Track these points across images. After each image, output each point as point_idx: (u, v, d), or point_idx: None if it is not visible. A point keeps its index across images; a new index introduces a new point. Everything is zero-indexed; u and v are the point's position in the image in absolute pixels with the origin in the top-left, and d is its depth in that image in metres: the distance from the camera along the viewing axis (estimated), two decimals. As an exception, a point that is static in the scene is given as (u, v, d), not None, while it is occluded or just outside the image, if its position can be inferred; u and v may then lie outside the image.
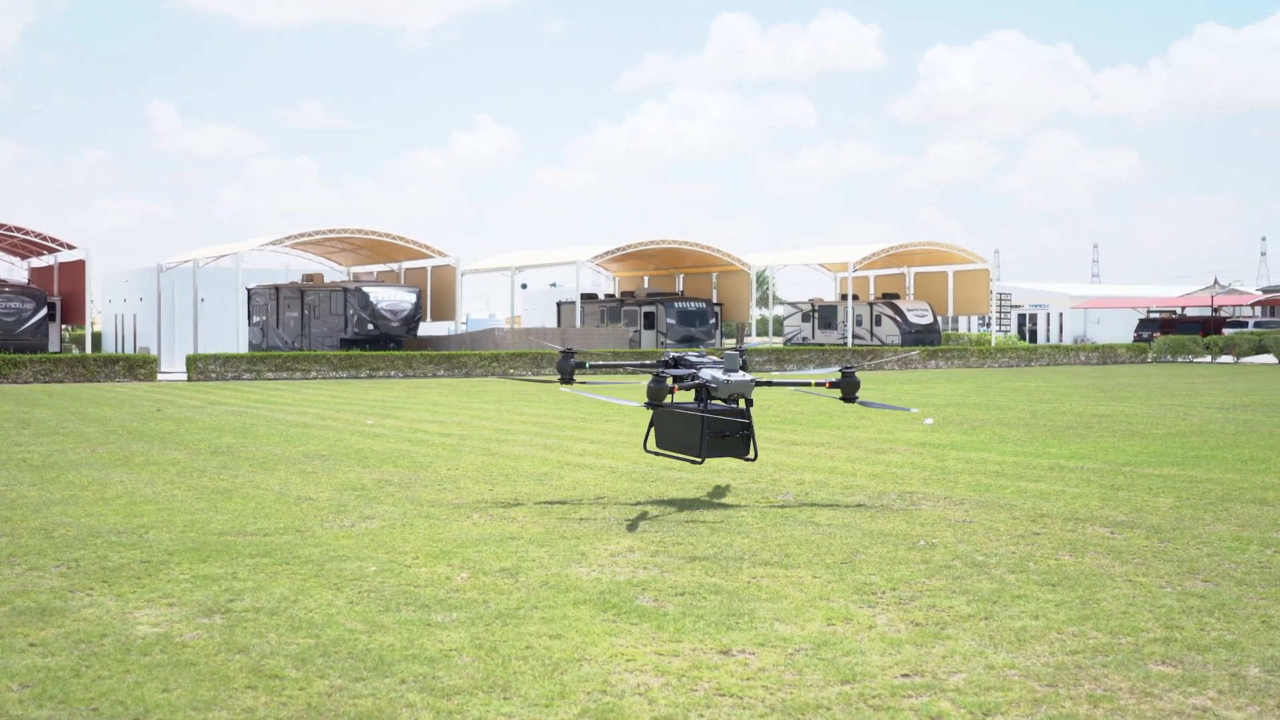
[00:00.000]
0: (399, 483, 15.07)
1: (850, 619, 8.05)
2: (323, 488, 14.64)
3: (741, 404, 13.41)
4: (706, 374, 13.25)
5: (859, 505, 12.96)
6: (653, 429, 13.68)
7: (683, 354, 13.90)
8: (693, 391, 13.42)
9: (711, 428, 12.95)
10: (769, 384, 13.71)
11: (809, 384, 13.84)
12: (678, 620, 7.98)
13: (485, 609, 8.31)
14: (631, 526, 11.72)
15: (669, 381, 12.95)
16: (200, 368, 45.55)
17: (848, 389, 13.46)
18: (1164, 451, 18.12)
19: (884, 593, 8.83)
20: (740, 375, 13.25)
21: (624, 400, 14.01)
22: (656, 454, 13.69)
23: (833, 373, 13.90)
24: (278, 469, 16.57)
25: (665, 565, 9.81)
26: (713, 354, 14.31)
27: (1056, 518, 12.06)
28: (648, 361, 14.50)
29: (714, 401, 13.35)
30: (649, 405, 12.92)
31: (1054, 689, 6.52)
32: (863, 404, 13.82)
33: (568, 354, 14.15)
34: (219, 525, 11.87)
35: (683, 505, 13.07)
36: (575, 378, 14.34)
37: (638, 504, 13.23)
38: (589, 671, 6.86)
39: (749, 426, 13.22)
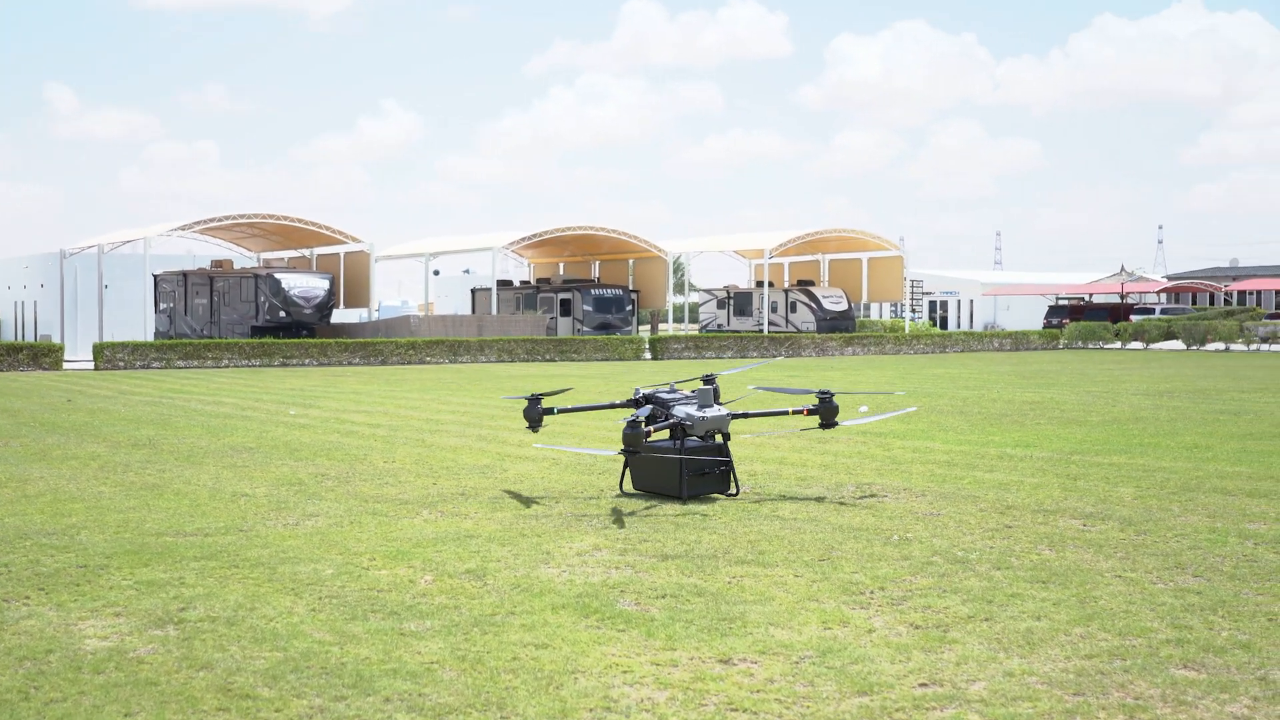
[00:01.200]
0: (336, 476, 14.47)
1: (846, 622, 7.66)
2: (257, 482, 14.00)
3: (719, 438, 12.95)
4: (680, 411, 12.77)
5: (819, 498, 12.60)
6: (628, 470, 13.18)
7: (654, 390, 13.39)
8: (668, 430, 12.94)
9: (690, 467, 12.48)
10: (745, 416, 13.27)
11: (786, 412, 13.41)
12: (667, 626, 7.54)
13: (459, 615, 7.82)
14: (591, 522, 11.27)
15: (644, 425, 12.46)
16: (108, 356, 44.27)
17: (826, 415, 13.06)
18: (1106, 439, 18.00)
19: (873, 592, 8.46)
20: (716, 410, 12.78)
21: (600, 450, 13.43)
22: (635, 495, 13.02)
23: (808, 396, 13.46)
24: (206, 462, 15.88)
25: (638, 565, 9.37)
26: (685, 388, 13.79)
27: (1024, 509, 11.80)
28: (617, 401, 13.90)
29: (690, 438, 12.88)
30: (625, 452, 12.45)
31: (1083, 698, 6.17)
32: (848, 424, 13.44)
33: (534, 400, 13.62)
34: (155, 525, 11.23)
35: (638, 498, 12.64)
36: (544, 422, 13.71)
37: (590, 498, 12.78)
38: (586, 685, 6.40)
39: (728, 462, 12.78)
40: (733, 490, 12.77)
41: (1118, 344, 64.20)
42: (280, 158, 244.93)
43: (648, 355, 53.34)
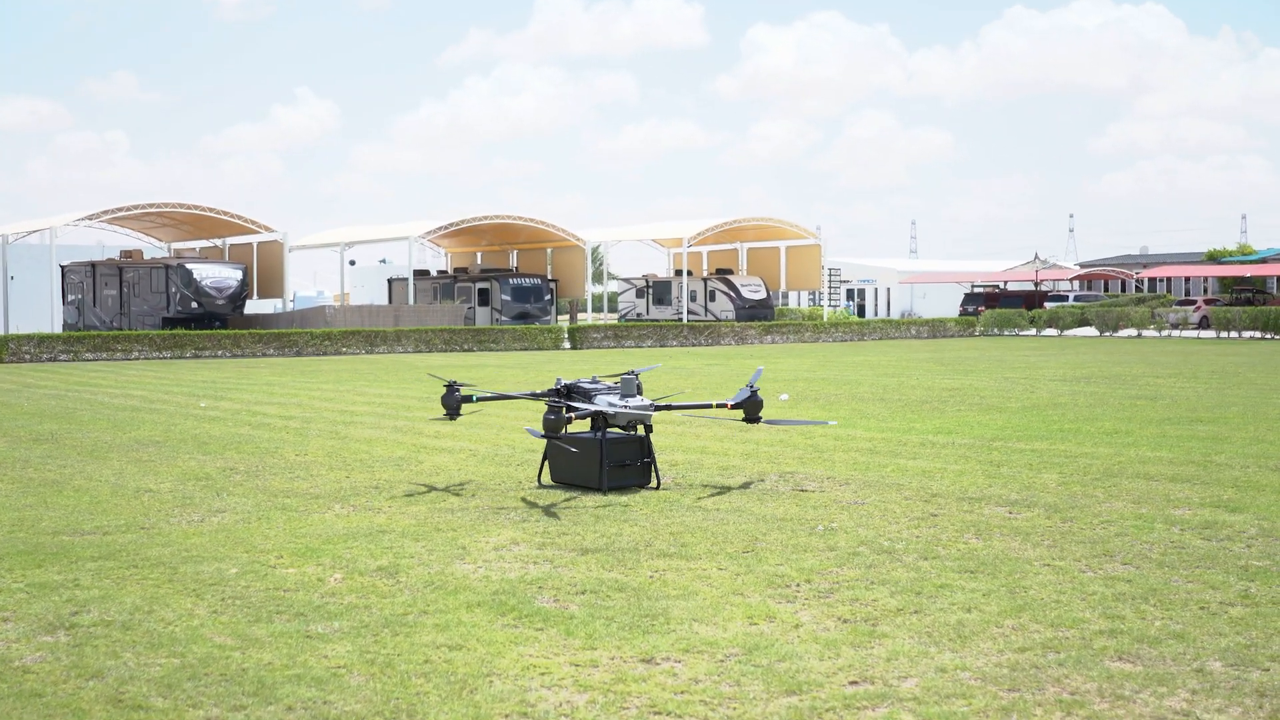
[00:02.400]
0: (246, 470, 14.01)
1: (773, 617, 7.40)
2: (163, 477, 13.51)
3: (640, 430, 12.65)
4: (602, 401, 12.46)
5: (742, 487, 12.36)
6: (547, 461, 12.84)
7: (575, 381, 13.08)
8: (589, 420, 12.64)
9: (611, 457, 12.17)
10: (668, 408, 12.99)
11: (710, 406, 13.17)
12: (587, 624, 7.23)
13: (369, 616, 7.46)
14: (509, 515, 10.94)
15: (565, 412, 12.16)
16: (13, 349, 43.11)
17: (750, 409, 12.82)
18: (1026, 425, 17.95)
19: (799, 585, 8.21)
20: (638, 400, 12.49)
21: (534, 431, 13.07)
22: (553, 487, 12.71)
23: (732, 396, 13.25)
24: (110, 457, 15.33)
25: (556, 559, 9.05)
26: (607, 379, 13.48)
27: (949, 497, 11.63)
28: (539, 391, 13.53)
29: (611, 430, 12.57)
30: (545, 437, 12.13)
31: (1018, 694, 5.95)
32: (769, 423, 13.22)
33: (452, 387, 13.29)
34: (51, 523, 10.74)
35: (557, 490, 12.32)
36: (462, 411, 13.41)
37: (508, 490, 12.45)
38: (501, 689, 6.08)
39: (650, 453, 12.48)
40: (654, 484, 12.49)
41: (1033, 331, 64.78)
42: (193, 147, 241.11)
43: (567, 345, 52.97)
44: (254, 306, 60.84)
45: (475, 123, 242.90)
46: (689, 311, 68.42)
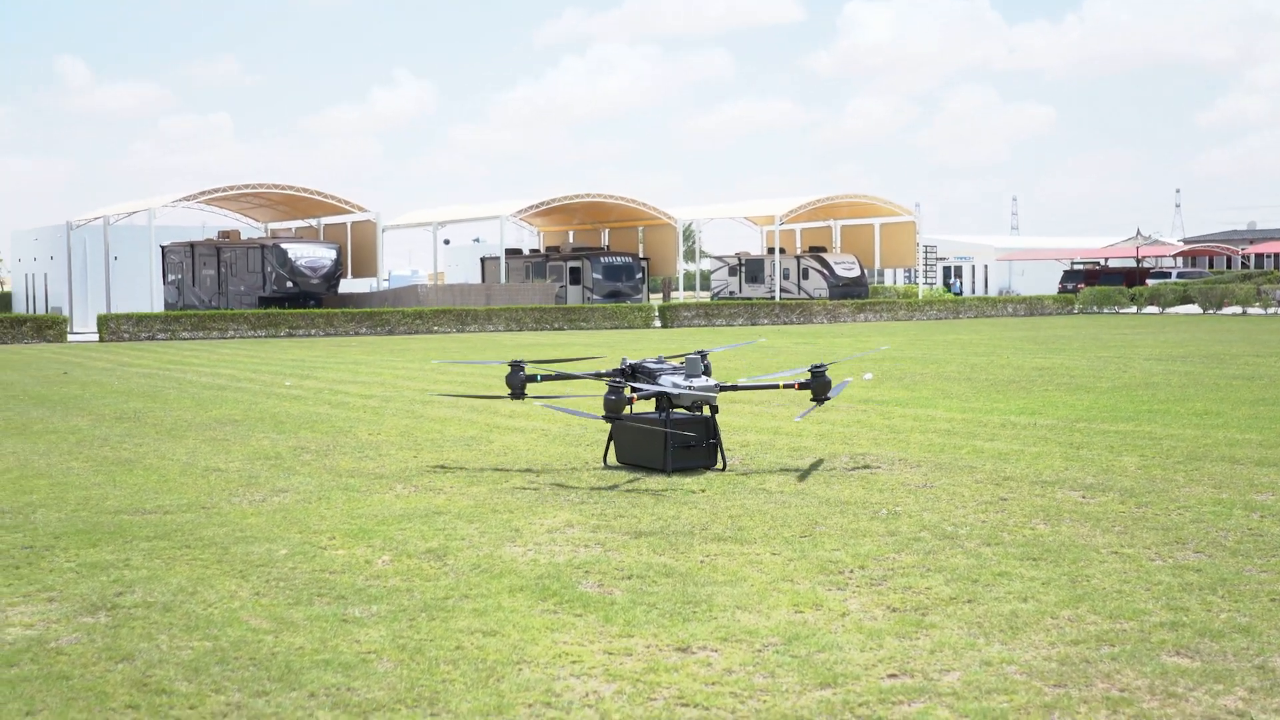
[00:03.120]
0: (316, 450, 14.04)
1: (820, 604, 7.19)
2: (233, 457, 13.58)
3: (706, 411, 12.46)
4: (667, 381, 12.30)
5: (810, 469, 12.12)
6: (612, 442, 12.72)
7: (641, 361, 12.94)
8: (653, 400, 12.49)
9: (675, 439, 12.00)
10: (734, 388, 12.78)
11: (777, 385, 12.97)
12: (627, 610, 7.07)
13: (410, 600, 7.37)
14: (568, 497, 10.81)
15: (627, 392, 12.03)
16: (113, 328, 43.93)
17: (819, 389, 12.60)
18: (1114, 406, 17.47)
19: (852, 571, 7.98)
20: (703, 381, 12.29)
21: (582, 413, 12.96)
22: (618, 468, 12.56)
23: (801, 374, 13.05)
24: (186, 436, 15.46)
25: (608, 543, 8.91)
26: (673, 360, 13.31)
27: (1022, 481, 11.30)
28: (603, 370, 13.40)
29: (676, 410, 12.39)
30: (607, 418, 12.01)
31: (1064, 690, 5.69)
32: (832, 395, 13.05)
33: (517, 366, 13.22)
34: (115, 502, 10.80)
35: (621, 472, 12.18)
36: (526, 392, 13.32)
37: (574, 471, 12.33)
38: (529, 678, 5.94)
39: (716, 434, 12.29)
40: (720, 465, 12.29)
41: (1133, 309, 63.43)
42: (293, 129, 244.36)
43: (657, 323, 52.84)
44: (349, 286, 61.39)
45: (570, 102, 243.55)
46: (782, 290, 67.90)
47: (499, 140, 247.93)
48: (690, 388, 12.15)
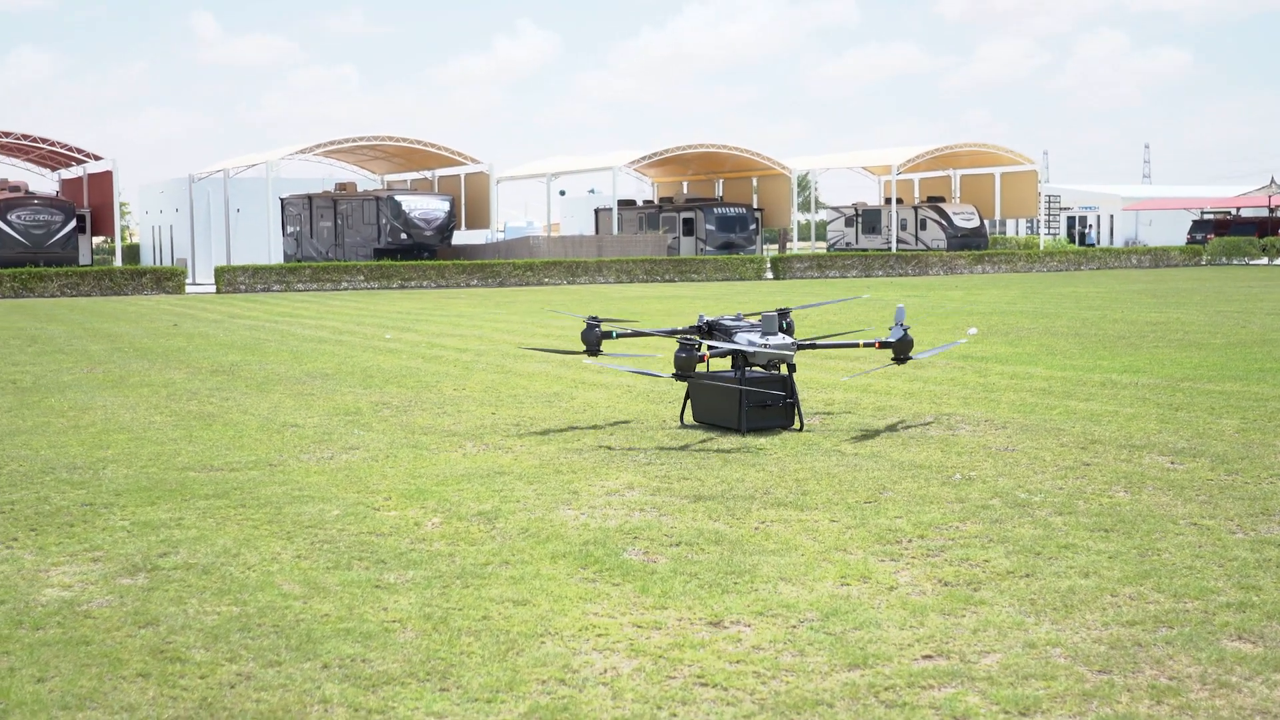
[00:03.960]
0: (398, 405, 14.00)
1: (868, 576, 6.90)
2: (314, 412, 13.59)
3: (784, 370, 12.17)
4: (742, 339, 12.02)
5: (889, 430, 11.78)
6: (689, 400, 12.50)
7: (718, 318, 12.69)
8: (729, 359, 12.25)
9: (751, 398, 11.73)
10: (812, 346, 12.48)
11: (856, 345, 12.64)
12: (666, 580, 6.85)
13: (449, 565, 7.22)
14: (635, 457, 10.61)
15: (701, 350, 11.78)
16: (229, 279, 44.64)
17: (900, 349, 12.25)
18: (1224, 364, 16.78)
19: (910, 541, 7.67)
20: (779, 339, 11.97)
21: (655, 372, 12.74)
22: (694, 427, 12.31)
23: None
24: (274, 390, 15.54)
25: (665, 506, 8.69)
26: (750, 317, 13.01)
27: (1109, 444, 10.85)
28: (679, 327, 13.18)
29: (754, 369, 12.12)
30: (679, 377, 11.79)
31: (1107, 676, 5.35)
32: (919, 356, 12.73)
33: (593, 323, 13.04)
34: (187, 458, 10.84)
35: (696, 431, 11.94)
36: (602, 349, 13.16)
37: (649, 429, 12.12)
38: (549, 652, 5.75)
39: (793, 393, 11.99)
40: (797, 425, 11.99)
41: (1264, 260, 61.35)
42: (418, 79, 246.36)
43: (769, 275, 52.33)
44: (464, 237, 61.67)
45: (695, 50, 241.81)
46: (899, 240, 66.82)
47: (623, 89, 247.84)
48: (766, 346, 11.85)
